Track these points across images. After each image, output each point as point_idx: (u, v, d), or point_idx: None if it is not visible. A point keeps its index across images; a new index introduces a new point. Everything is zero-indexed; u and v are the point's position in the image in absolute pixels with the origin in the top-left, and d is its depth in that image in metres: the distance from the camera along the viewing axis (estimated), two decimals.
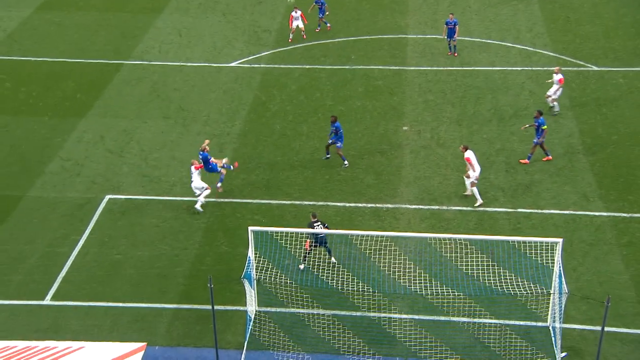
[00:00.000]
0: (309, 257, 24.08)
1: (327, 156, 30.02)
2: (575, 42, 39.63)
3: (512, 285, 22.48)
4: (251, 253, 21.65)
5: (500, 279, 22.77)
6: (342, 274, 23.58)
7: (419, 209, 27.15)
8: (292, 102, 34.76)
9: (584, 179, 28.54)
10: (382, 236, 23.54)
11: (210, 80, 36.71)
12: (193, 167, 26.99)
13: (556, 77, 32.31)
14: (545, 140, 29.32)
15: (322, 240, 23.69)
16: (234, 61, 38.51)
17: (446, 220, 26.52)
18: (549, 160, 29.37)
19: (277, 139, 31.79)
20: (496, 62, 37.65)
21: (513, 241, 23.60)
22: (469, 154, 26.85)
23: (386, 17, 43.26)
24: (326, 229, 23.43)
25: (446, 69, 37.16)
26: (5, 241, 26.04)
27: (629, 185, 28.20)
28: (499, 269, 23.29)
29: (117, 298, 23.40)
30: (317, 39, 40.54)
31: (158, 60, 38.71)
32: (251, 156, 30.51)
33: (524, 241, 22.88)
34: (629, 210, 26.77)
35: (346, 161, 29.55)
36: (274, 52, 39.31)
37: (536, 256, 22.80)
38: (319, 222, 23.65)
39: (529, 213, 26.73)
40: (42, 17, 44.16)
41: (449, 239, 23.80)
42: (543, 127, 28.84)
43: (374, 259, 23.87)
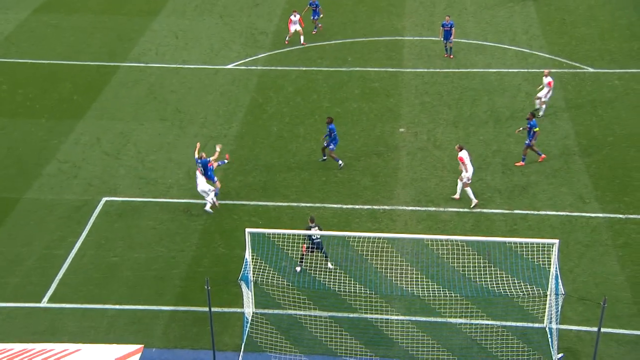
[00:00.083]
0: (306, 259, 24.08)
1: (324, 158, 30.03)
2: (571, 44, 39.72)
3: (509, 286, 22.50)
4: (248, 255, 21.67)
5: (496, 281, 22.80)
6: (339, 276, 23.59)
7: (416, 211, 27.19)
8: (288, 104, 34.79)
9: (579, 180, 28.61)
10: (378, 238, 23.60)
11: (207, 83, 36.71)
12: (198, 172, 26.95)
13: (545, 80, 32.40)
14: (536, 142, 29.38)
15: (318, 244, 23.70)
16: (230, 63, 38.52)
17: (443, 221, 26.56)
18: (544, 159, 29.43)
19: (274, 141, 31.81)
20: (492, 64, 37.72)
21: (509, 242, 23.64)
22: (463, 153, 26.93)
23: (383, 19, 43.29)
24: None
25: (443, 70, 37.21)
26: (2, 243, 26.02)
27: (624, 186, 28.26)
28: (495, 270, 23.33)
29: (114, 300, 23.40)
30: (313, 41, 40.59)
31: (155, 63, 38.69)
32: (248, 158, 30.53)
33: (521, 242, 22.93)
34: (625, 212, 26.84)
35: (340, 161, 29.54)
36: (270, 54, 39.32)
37: (532, 257, 22.88)
38: (317, 226, 23.64)
39: (525, 214, 26.79)
40: (39, 20, 44.13)
41: (446, 240, 23.86)
42: (535, 129, 28.93)
43: (371, 260, 23.86)
